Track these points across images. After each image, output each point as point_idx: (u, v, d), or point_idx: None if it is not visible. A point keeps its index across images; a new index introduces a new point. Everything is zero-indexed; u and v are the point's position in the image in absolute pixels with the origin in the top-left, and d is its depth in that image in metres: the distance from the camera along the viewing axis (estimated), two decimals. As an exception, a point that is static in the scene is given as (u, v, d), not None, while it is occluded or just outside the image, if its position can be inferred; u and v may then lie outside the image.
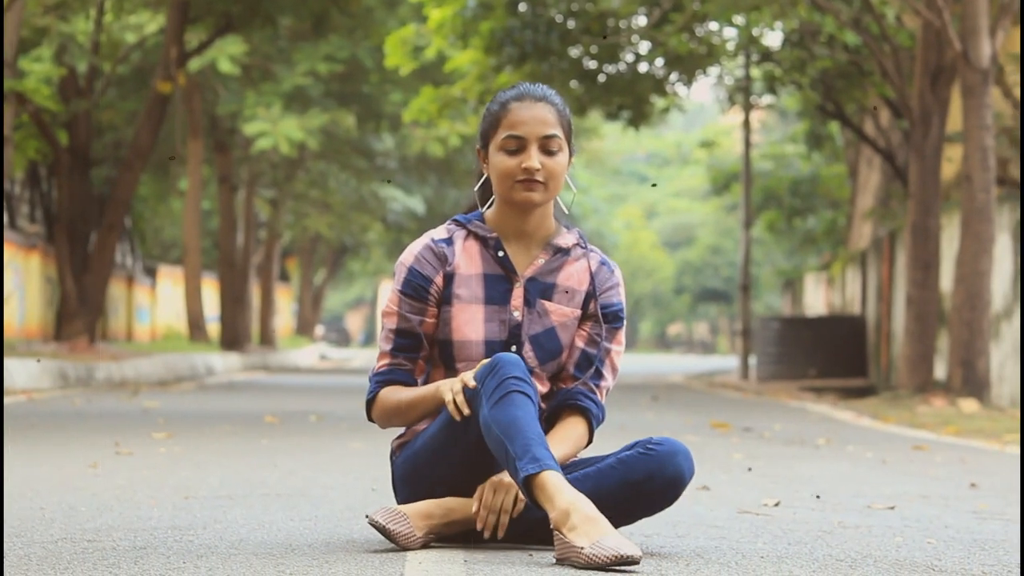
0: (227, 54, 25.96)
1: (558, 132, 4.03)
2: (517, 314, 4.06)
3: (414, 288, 4.06)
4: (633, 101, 21.85)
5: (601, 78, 21.52)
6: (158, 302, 38.90)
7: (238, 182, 34.90)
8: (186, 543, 4.06)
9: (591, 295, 4.11)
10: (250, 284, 35.93)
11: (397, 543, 3.86)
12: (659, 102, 22.56)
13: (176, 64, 22.52)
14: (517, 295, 4.07)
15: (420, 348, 4.07)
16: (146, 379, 20.11)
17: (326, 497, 5.48)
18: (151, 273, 39.06)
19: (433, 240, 4.11)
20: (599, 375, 4.11)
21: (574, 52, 20.95)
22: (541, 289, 4.09)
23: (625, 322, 4.17)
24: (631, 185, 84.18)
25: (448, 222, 4.17)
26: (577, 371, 4.09)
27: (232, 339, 32.10)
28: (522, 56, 20.10)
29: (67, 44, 23.90)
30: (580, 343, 4.10)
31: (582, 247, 4.16)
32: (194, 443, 8.59)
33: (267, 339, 39.42)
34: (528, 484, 3.71)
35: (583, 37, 20.40)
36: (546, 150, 4.02)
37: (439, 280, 4.07)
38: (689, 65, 21.42)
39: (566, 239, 4.14)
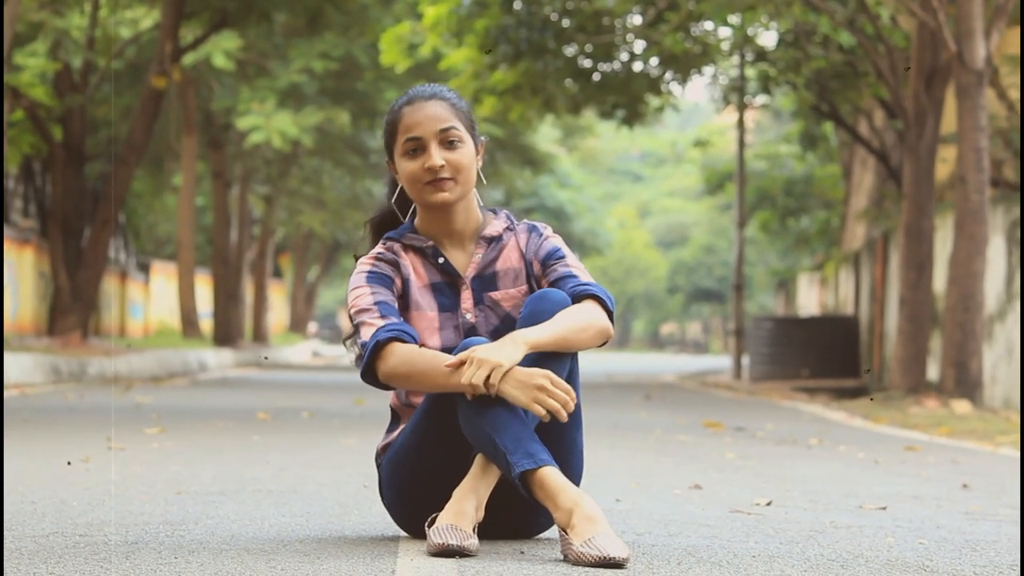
0: (222, 50, 25.95)
1: (454, 124, 4.01)
2: (469, 316, 4.05)
3: (378, 278, 4.01)
4: (628, 100, 21.86)
5: (596, 77, 21.53)
6: (151, 298, 38.87)
7: (232, 178, 34.88)
8: (178, 538, 4.06)
9: (529, 264, 4.09)
10: (243, 280, 35.91)
11: (471, 554, 3.74)
12: (654, 101, 22.57)
13: (171, 59, 22.49)
14: (466, 298, 4.06)
15: (398, 312, 3.97)
16: (139, 374, 20.10)
17: (318, 494, 5.48)
18: (144, 269, 39.03)
19: (380, 252, 4.07)
20: (577, 278, 4.03)
21: (569, 51, 20.96)
22: (485, 283, 4.07)
23: (566, 255, 4.08)
24: (625, 184, 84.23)
25: (382, 241, 4.10)
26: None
27: (225, 335, 32.09)
28: (517, 54, 20.10)
29: (62, 39, 23.88)
30: (551, 279, 4.05)
31: (511, 229, 4.14)
32: (186, 439, 8.59)
33: (260, 335, 39.40)
34: (525, 480, 3.71)
35: (578, 35, 20.40)
36: (446, 143, 4.00)
37: (398, 281, 4.04)
38: (684, 64, 21.43)
39: (495, 227, 4.12)
